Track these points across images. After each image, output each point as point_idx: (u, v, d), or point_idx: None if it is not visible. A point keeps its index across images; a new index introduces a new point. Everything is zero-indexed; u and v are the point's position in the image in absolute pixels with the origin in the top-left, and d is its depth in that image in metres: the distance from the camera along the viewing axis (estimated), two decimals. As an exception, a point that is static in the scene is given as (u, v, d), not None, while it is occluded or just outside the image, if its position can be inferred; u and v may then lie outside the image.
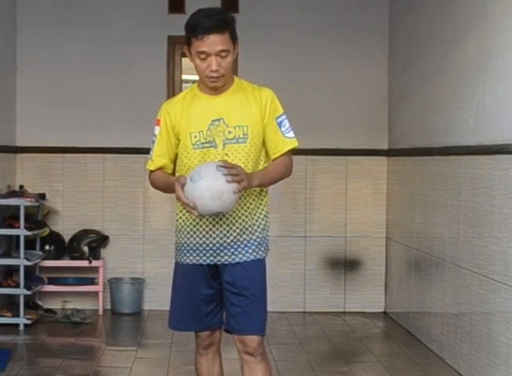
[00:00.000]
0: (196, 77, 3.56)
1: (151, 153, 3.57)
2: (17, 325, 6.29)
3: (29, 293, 6.40)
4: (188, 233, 3.53)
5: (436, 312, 5.71)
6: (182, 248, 3.56)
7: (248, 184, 3.32)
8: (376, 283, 7.23)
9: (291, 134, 3.58)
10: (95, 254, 6.98)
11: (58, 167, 7.19)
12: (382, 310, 7.20)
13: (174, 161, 3.60)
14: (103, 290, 6.96)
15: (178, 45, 7.23)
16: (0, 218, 6.52)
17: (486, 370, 4.71)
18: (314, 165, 7.23)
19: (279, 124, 3.53)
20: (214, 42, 3.36)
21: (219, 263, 3.53)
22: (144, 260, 7.17)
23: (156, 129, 3.56)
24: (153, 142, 3.57)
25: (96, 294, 6.98)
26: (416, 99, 6.40)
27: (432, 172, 5.83)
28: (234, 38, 3.48)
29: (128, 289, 7.02)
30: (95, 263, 6.93)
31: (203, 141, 3.44)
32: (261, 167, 3.52)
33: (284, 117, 3.56)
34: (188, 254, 3.54)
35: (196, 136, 3.44)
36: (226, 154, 3.41)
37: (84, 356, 5.67)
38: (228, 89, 3.49)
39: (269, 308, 7.38)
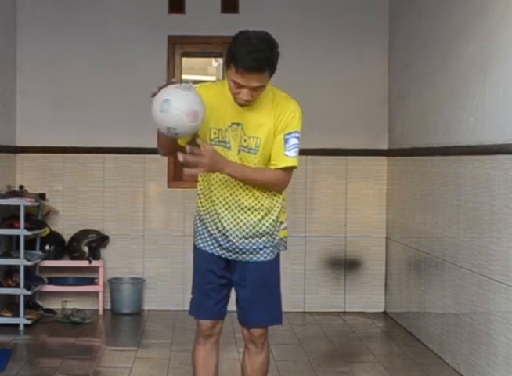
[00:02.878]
0: (196, 77, 3.56)
1: None
2: (17, 325, 6.29)
3: (29, 293, 6.40)
4: (209, 223, 3.64)
5: (436, 312, 5.71)
6: (202, 235, 3.68)
7: (209, 162, 3.37)
8: (376, 283, 7.23)
9: (292, 153, 3.55)
10: (95, 254, 6.98)
11: (58, 167, 7.19)
12: (382, 310, 7.20)
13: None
14: (103, 290, 6.96)
15: (178, 45, 7.23)
16: (0, 218, 6.52)
17: (486, 370, 4.71)
18: (314, 165, 7.23)
19: (286, 140, 3.55)
20: (251, 79, 3.37)
21: (237, 260, 3.67)
22: (144, 260, 7.17)
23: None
24: None
25: (96, 294, 6.98)
26: (416, 99, 6.40)
27: (432, 172, 5.83)
28: (272, 73, 3.44)
29: (128, 289, 7.02)
30: (95, 263, 6.93)
31: (220, 139, 3.54)
32: (251, 157, 3.58)
33: (294, 135, 3.55)
34: (205, 242, 3.67)
35: (215, 133, 3.54)
36: (240, 159, 3.53)
37: (84, 356, 5.67)
38: (256, 101, 3.51)
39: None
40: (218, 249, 3.66)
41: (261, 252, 3.63)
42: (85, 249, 6.98)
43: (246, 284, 3.66)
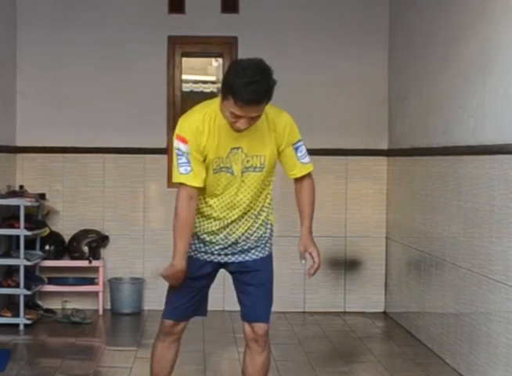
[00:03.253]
0: (196, 77, 3.57)
1: (188, 168, 3.50)
2: (17, 325, 6.29)
3: (29, 293, 6.40)
4: (202, 235, 3.71)
5: (436, 312, 5.71)
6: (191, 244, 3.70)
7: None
8: (376, 283, 7.23)
9: (307, 159, 3.73)
10: (95, 254, 6.98)
11: (58, 167, 7.19)
12: (382, 310, 7.20)
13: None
14: (103, 290, 6.96)
15: (178, 45, 7.23)
16: (0, 218, 6.52)
17: (486, 370, 4.71)
18: (314, 165, 7.19)
19: (296, 150, 3.67)
20: (249, 111, 3.37)
21: (229, 261, 3.75)
22: (144, 260, 7.17)
23: (185, 147, 3.50)
24: (185, 157, 3.50)
25: (96, 294, 6.97)
26: (416, 99, 6.40)
27: (432, 172, 5.83)
28: (269, 101, 3.45)
29: (128, 289, 7.02)
30: (95, 263, 6.93)
31: (221, 166, 3.56)
32: (264, 183, 3.68)
33: (301, 143, 3.69)
34: (194, 251, 3.72)
35: (216, 162, 3.55)
36: (243, 181, 3.58)
37: (84, 356, 5.67)
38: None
39: (269, 308, 7.29)
40: (208, 255, 3.73)
41: (253, 250, 3.73)
42: (85, 249, 6.98)
43: (246, 281, 3.72)
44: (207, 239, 3.70)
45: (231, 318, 6.14)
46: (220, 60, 7.51)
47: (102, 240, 7.08)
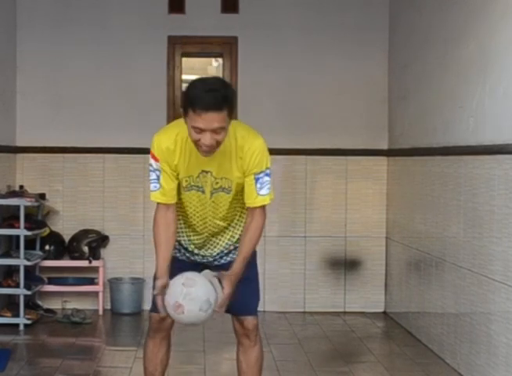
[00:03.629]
0: (196, 77, 3.57)
1: (157, 185, 3.58)
2: (17, 325, 6.29)
3: (29, 293, 6.40)
4: (181, 236, 3.78)
5: (436, 312, 5.71)
6: (175, 246, 3.74)
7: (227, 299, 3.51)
8: (376, 283, 7.22)
9: (265, 190, 3.60)
10: (95, 254, 6.97)
11: (58, 167, 7.18)
12: (382, 310, 7.20)
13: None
14: (103, 290, 6.96)
15: (178, 45, 7.23)
16: (0, 218, 6.52)
17: (486, 370, 4.71)
18: (314, 165, 7.23)
19: (256, 180, 3.58)
20: (210, 120, 3.33)
21: (213, 265, 3.79)
22: (144, 260, 7.16)
23: (156, 164, 3.58)
24: (155, 174, 3.58)
25: (96, 294, 6.97)
26: (416, 99, 6.40)
27: (432, 172, 5.83)
28: (231, 114, 3.42)
29: (128, 289, 7.02)
30: (95, 263, 6.92)
31: (192, 184, 3.61)
32: (238, 200, 3.67)
33: (264, 173, 3.58)
34: (177, 252, 3.79)
35: (186, 180, 3.60)
36: (213, 201, 3.63)
37: (84, 356, 5.67)
38: (219, 148, 3.50)
39: (269, 308, 7.39)
40: (191, 258, 3.81)
41: (235, 251, 3.74)
42: (85, 249, 6.98)
43: None
44: (190, 249, 3.80)
45: (231, 318, 6.12)
46: (220, 60, 7.51)
47: (102, 240, 7.08)
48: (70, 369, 5.27)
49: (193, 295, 3.36)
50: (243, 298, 3.68)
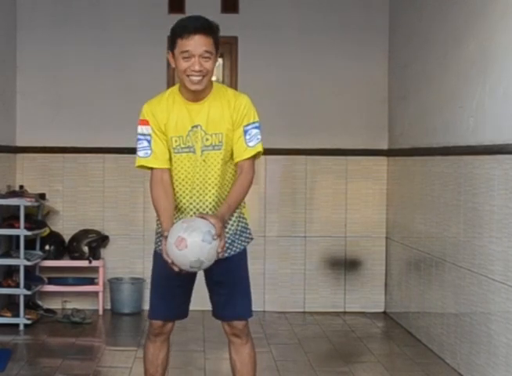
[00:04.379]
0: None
1: (148, 151, 3.62)
2: (17, 325, 6.29)
3: (29, 293, 6.40)
4: None
5: (436, 312, 5.71)
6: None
7: (222, 232, 3.43)
8: (376, 283, 7.22)
9: (253, 142, 3.62)
10: (95, 254, 6.98)
11: (58, 167, 7.19)
12: (382, 310, 7.20)
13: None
14: (103, 290, 6.96)
15: (178, 45, 7.22)
16: (0, 218, 6.52)
17: (486, 370, 4.71)
18: (314, 165, 7.23)
19: (245, 132, 3.61)
20: (198, 43, 3.46)
21: None
22: (144, 260, 7.15)
23: (146, 129, 3.64)
24: (146, 140, 3.63)
25: (96, 294, 6.97)
26: (416, 99, 6.40)
27: (432, 172, 5.83)
28: (217, 45, 3.55)
29: (128, 289, 7.02)
30: (95, 263, 6.93)
31: (182, 146, 3.60)
32: (229, 166, 3.65)
33: (252, 126, 3.62)
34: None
35: (176, 141, 3.60)
36: (204, 160, 3.60)
37: (84, 356, 5.68)
38: (207, 96, 3.60)
39: (269, 308, 7.38)
40: None
41: (228, 245, 3.65)
42: (85, 249, 6.98)
43: (221, 280, 3.69)
44: None
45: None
46: (220, 60, 7.51)
47: (102, 240, 7.08)
48: (70, 369, 5.27)
49: (195, 227, 3.31)
50: (229, 303, 3.69)
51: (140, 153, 3.65)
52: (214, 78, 3.79)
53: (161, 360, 3.87)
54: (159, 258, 3.64)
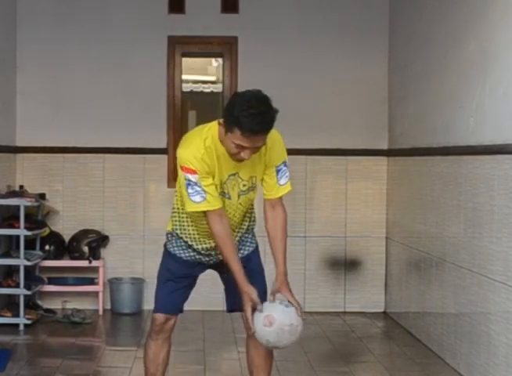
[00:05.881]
0: (196, 77, 3.58)
1: (204, 195, 3.55)
2: (17, 325, 6.29)
3: (29, 293, 6.40)
4: (192, 241, 3.83)
5: (436, 312, 5.71)
6: (179, 246, 3.86)
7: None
8: (376, 283, 7.22)
9: (283, 180, 3.71)
10: (95, 254, 6.98)
11: (58, 167, 7.18)
12: (382, 310, 7.20)
13: None
14: (103, 290, 6.96)
15: (178, 45, 7.23)
16: (0, 218, 6.52)
17: (486, 370, 4.71)
18: (314, 165, 7.23)
19: (278, 172, 3.69)
20: (256, 141, 3.44)
21: (218, 261, 3.85)
22: (144, 260, 7.17)
23: (194, 177, 3.54)
24: (196, 186, 3.55)
25: (96, 294, 6.97)
26: (416, 99, 6.40)
27: (432, 172, 5.83)
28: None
29: (128, 289, 7.02)
30: (95, 263, 6.92)
31: (219, 191, 3.62)
32: (251, 195, 3.75)
33: (283, 165, 3.69)
34: (181, 251, 3.87)
35: (219, 187, 3.64)
36: (240, 203, 3.69)
37: (84, 356, 5.68)
38: None
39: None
40: (197, 257, 3.85)
41: (243, 247, 3.84)
42: (85, 249, 6.98)
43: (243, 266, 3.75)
44: (199, 251, 3.84)
45: (231, 318, 6.13)
46: (220, 60, 7.52)
47: (102, 240, 7.08)
48: (70, 369, 5.27)
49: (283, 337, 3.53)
50: (253, 285, 3.75)
51: (196, 198, 3.55)
52: (213, 78, 3.79)
53: (162, 359, 3.90)
54: (172, 258, 3.84)
